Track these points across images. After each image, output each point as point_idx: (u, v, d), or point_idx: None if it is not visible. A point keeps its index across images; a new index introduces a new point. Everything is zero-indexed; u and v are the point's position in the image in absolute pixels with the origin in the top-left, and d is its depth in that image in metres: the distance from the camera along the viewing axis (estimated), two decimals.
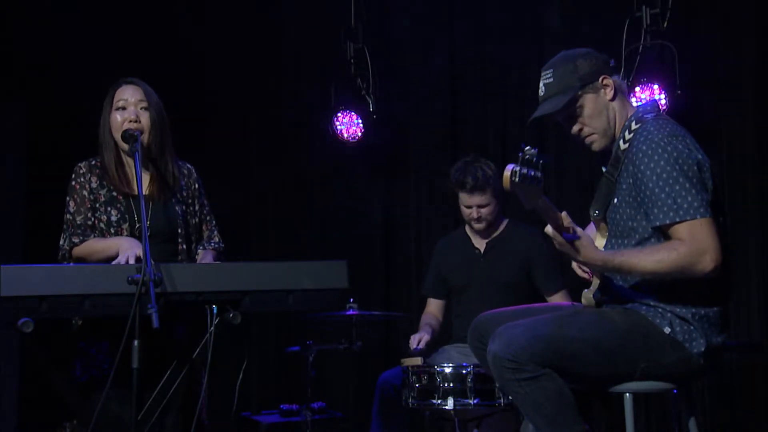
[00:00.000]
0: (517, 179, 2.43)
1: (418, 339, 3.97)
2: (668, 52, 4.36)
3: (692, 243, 2.58)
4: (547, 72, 2.88)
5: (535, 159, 2.45)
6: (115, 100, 3.14)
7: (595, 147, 2.90)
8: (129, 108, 3.12)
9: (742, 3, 4.49)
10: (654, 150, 2.64)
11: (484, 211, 4.03)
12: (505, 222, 4.17)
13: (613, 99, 2.86)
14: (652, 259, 2.61)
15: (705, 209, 2.60)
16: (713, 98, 4.51)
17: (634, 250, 2.68)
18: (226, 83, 5.99)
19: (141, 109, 3.13)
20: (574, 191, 4.88)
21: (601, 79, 2.85)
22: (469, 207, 4.05)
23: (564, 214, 2.60)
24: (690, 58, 4.39)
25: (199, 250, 3.27)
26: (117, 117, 3.12)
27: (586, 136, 2.89)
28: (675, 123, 2.78)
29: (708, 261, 2.58)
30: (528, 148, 2.45)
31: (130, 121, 3.09)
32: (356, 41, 5.39)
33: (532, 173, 2.45)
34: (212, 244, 3.31)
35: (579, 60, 2.86)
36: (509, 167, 2.45)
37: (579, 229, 2.63)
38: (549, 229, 2.63)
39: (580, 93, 2.84)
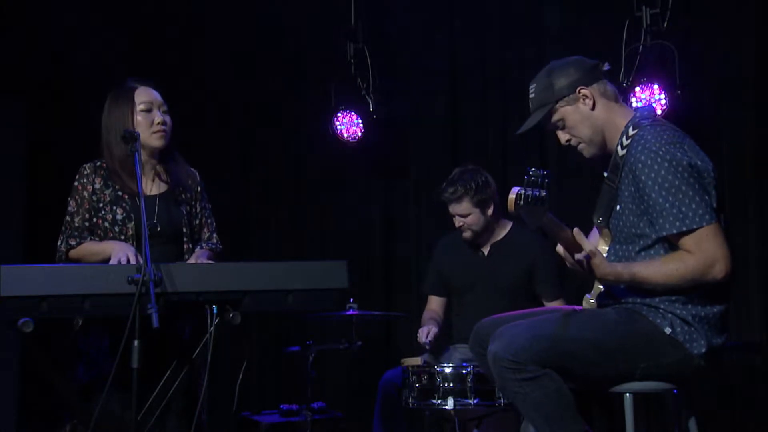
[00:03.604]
0: (522, 202, 2.46)
1: (427, 331, 3.98)
2: (668, 52, 4.35)
3: (701, 254, 2.59)
4: (531, 86, 2.92)
5: (540, 179, 2.46)
6: (137, 102, 3.15)
7: (586, 155, 2.92)
8: (154, 110, 3.16)
9: (742, 3, 4.49)
10: (653, 159, 2.64)
11: (466, 220, 4.07)
12: (509, 226, 4.19)
13: (593, 108, 2.85)
14: (662, 272, 2.62)
15: (710, 215, 2.61)
16: (713, 98, 4.51)
17: (645, 263, 2.68)
18: (226, 83, 5.99)
19: (163, 112, 3.19)
20: (575, 194, 4.87)
21: (578, 90, 2.84)
22: (453, 216, 4.10)
23: (576, 230, 2.61)
24: (690, 58, 4.38)
25: (196, 249, 3.28)
26: (140, 119, 3.12)
27: (576, 146, 2.92)
28: (673, 128, 2.76)
29: (718, 270, 2.59)
30: (534, 170, 2.47)
31: (159, 123, 3.13)
32: (356, 41, 5.39)
33: (537, 193, 2.46)
34: (210, 245, 3.32)
35: (556, 73, 2.87)
36: (514, 190, 2.48)
37: (591, 246, 2.63)
38: (560, 249, 2.67)
39: (556, 107, 2.86)
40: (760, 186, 4.39)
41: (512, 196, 2.48)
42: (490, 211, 4.08)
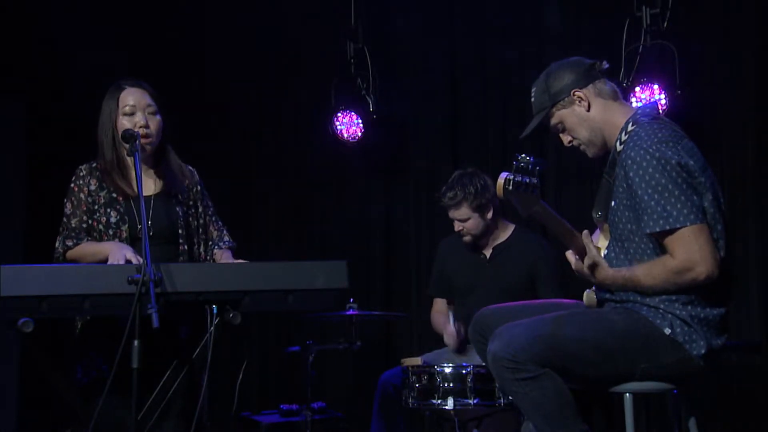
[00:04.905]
0: (510, 187, 2.46)
1: (456, 330, 3.98)
2: (668, 52, 4.35)
3: (682, 256, 2.59)
4: (532, 90, 2.95)
5: (530, 166, 2.46)
6: (121, 105, 3.09)
7: (589, 155, 2.94)
8: (137, 113, 3.08)
9: (742, 3, 4.49)
10: (642, 157, 2.64)
11: (466, 225, 4.10)
12: (512, 228, 4.20)
13: (589, 110, 2.85)
14: (648, 275, 2.65)
15: (695, 215, 2.59)
16: (713, 98, 4.51)
17: (635, 267, 2.70)
18: (225, 83, 5.99)
19: (149, 114, 3.11)
20: (574, 191, 4.88)
21: (572, 92, 2.85)
22: (453, 220, 4.11)
23: (585, 233, 2.64)
24: (690, 58, 4.39)
25: (215, 251, 3.25)
26: (125, 122, 3.07)
27: (578, 146, 2.94)
28: (671, 127, 2.75)
29: (699, 272, 2.59)
30: (523, 156, 2.47)
31: (141, 127, 3.07)
32: (356, 41, 5.39)
33: (527, 180, 2.46)
34: (226, 243, 3.29)
35: (552, 76, 2.89)
36: (502, 175, 2.49)
37: (594, 251, 2.64)
38: (570, 255, 2.72)
39: (553, 111, 2.88)
40: (760, 186, 4.39)
41: (500, 180, 2.49)
42: (489, 215, 4.08)
